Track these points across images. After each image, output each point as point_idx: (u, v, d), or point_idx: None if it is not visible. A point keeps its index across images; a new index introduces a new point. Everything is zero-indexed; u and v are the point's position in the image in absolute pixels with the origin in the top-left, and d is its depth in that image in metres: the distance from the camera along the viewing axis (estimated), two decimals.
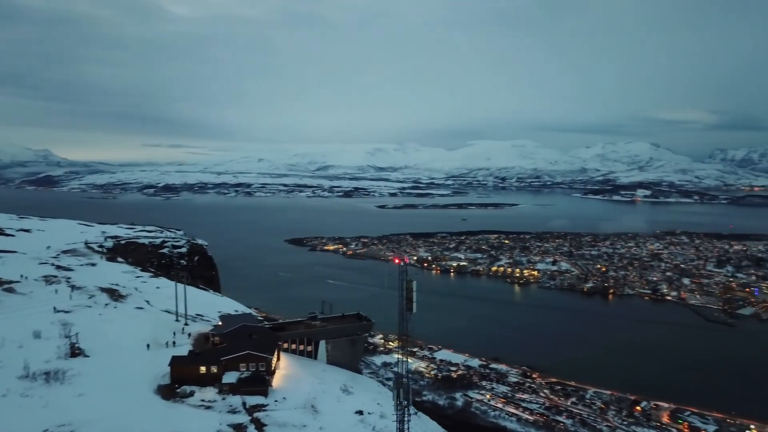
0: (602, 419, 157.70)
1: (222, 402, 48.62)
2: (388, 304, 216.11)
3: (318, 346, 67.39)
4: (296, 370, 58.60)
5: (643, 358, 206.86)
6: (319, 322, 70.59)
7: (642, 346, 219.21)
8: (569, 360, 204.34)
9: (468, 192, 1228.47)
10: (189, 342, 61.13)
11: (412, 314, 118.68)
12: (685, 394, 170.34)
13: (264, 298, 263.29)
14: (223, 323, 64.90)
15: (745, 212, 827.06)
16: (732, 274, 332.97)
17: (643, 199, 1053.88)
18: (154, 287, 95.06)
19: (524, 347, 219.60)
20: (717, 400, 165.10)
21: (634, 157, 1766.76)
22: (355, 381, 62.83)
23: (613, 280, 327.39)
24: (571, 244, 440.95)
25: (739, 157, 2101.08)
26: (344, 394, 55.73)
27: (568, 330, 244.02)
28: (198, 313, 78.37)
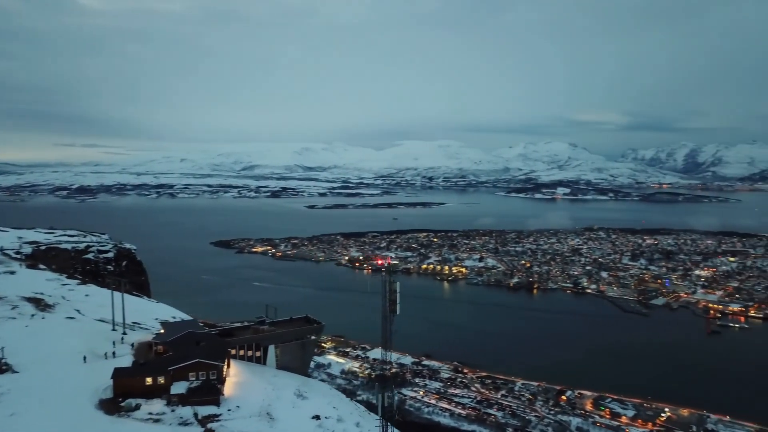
0: (531, 410, 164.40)
1: (172, 414, 46.84)
2: (322, 305, 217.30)
3: (267, 351, 66.28)
4: (247, 376, 57.46)
5: (567, 349, 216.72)
6: (268, 327, 69.47)
7: (566, 338, 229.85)
8: (498, 354, 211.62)
9: (397, 191, 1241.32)
10: (130, 352, 58.60)
11: (395, 316, 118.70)
12: (606, 381, 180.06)
13: (191, 303, 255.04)
14: (166, 331, 62.73)
15: (655, 208, 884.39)
16: (645, 267, 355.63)
17: (563, 197, 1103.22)
18: (83, 295, 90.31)
19: (455, 343, 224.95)
20: (635, 385, 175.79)
21: (554, 156, 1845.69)
22: (308, 385, 62.56)
23: (537, 275, 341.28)
24: (496, 241, 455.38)
25: (648, 156, 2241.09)
26: (299, 399, 55.39)
27: (496, 325, 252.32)
28: (134, 321, 75.35)
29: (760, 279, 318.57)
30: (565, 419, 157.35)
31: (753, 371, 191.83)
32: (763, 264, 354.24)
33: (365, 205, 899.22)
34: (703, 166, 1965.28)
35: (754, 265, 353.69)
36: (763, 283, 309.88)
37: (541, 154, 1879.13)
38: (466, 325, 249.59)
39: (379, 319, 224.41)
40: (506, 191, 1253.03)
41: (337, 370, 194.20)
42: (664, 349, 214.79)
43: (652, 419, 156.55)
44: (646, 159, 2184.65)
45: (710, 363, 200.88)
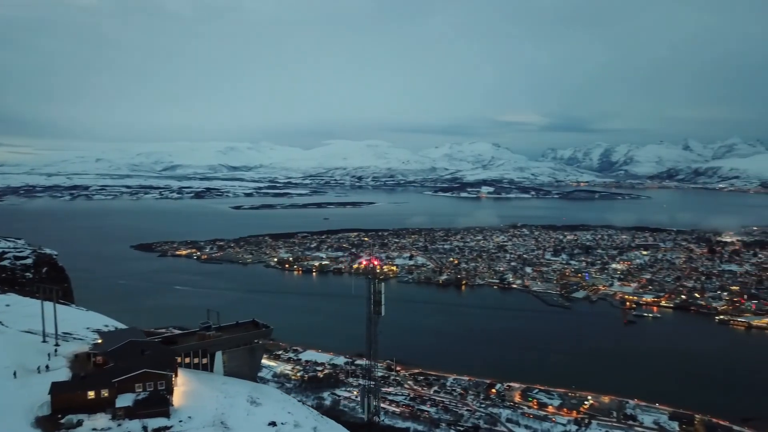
0: (463, 404, 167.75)
1: (118, 428, 44.48)
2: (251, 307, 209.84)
3: (214, 358, 63.27)
4: (196, 385, 54.70)
5: (495, 343, 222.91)
6: (214, 333, 66.32)
7: (494, 332, 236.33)
8: (430, 350, 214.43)
9: (326, 191, 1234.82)
10: (66, 365, 54.35)
11: (380, 317, 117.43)
12: (533, 373, 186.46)
13: (113, 312, 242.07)
14: (105, 341, 58.82)
15: (574, 205, 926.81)
16: (566, 262, 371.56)
17: (488, 196, 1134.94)
18: (4, 305, 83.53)
19: (387, 341, 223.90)
20: (560, 376, 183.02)
21: (478, 156, 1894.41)
22: (260, 391, 60.33)
23: (465, 271, 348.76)
24: (425, 239, 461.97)
25: (567, 156, 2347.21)
26: (253, 406, 53.26)
27: (427, 321, 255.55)
28: (65, 331, 69.93)
29: (669, 271, 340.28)
30: (495, 411, 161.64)
31: (665, 357, 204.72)
32: (672, 257, 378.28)
33: (294, 205, 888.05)
34: (616, 165, 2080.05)
35: (664, 258, 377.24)
36: (673, 274, 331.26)
37: (466, 154, 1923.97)
38: (398, 323, 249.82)
39: (317, 321, 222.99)
40: (434, 190, 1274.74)
41: (269, 374, 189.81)
42: (586, 339, 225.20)
43: (577, 407, 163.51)
44: (564, 158, 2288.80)
45: (627, 351, 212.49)
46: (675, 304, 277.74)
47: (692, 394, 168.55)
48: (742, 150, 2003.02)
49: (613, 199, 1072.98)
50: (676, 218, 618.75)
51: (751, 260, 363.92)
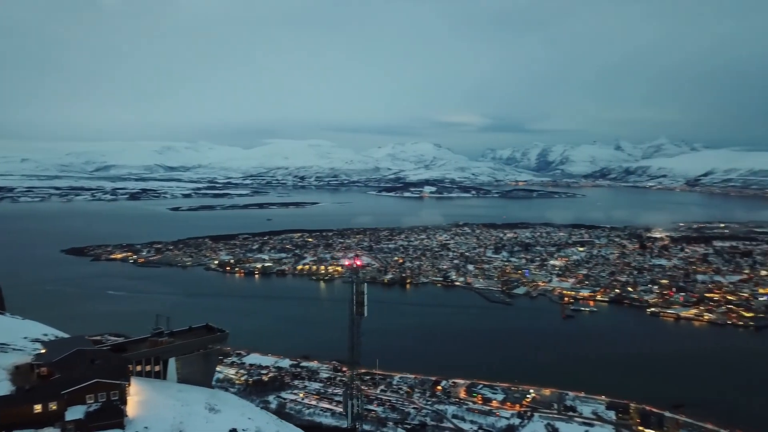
0: (409, 402, 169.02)
1: None
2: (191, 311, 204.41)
3: (167, 365, 60.39)
4: (151, 394, 52.13)
5: (440, 340, 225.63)
6: (167, 338, 63.32)
7: (438, 329, 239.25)
8: (375, 350, 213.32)
9: (268, 191, 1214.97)
10: (6, 378, 50.51)
11: (363, 318, 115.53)
12: (478, 369, 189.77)
13: (46, 318, 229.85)
14: (49, 350, 55.26)
15: (514, 204, 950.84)
16: (507, 259, 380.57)
17: (430, 195, 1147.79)
18: None
19: (333, 342, 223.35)
20: (503, 370, 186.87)
21: (420, 156, 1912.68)
22: (217, 398, 58.18)
23: (410, 270, 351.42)
24: (370, 239, 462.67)
25: (505, 156, 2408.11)
26: (211, 414, 51.28)
27: (373, 321, 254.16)
28: (1, 342, 65.11)
29: (604, 266, 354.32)
30: (441, 408, 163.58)
31: (602, 350, 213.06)
32: (606, 252, 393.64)
33: (235, 205, 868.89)
34: (553, 164, 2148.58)
35: (599, 253, 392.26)
36: (607, 269, 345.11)
37: (409, 154, 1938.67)
38: (343, 324, 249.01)
39: (261, 323, 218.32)
40: (377, 190, 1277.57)
41: (212, 379, 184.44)
42: (527, 334, 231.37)
43: (519, 401, 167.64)
44: (503, 158, 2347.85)
45: (566, 345, 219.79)
46: (610, 298, 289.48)
47: (627, 384, 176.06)
48: (669, 150, 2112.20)
49: (551, 197, 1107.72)
50: (609, 215, 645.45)
51: (679, 255, 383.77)
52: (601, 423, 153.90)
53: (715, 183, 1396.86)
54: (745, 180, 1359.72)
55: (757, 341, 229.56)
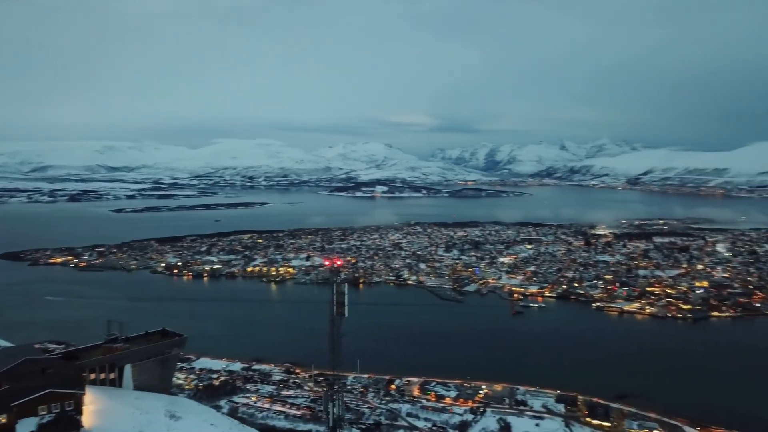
0: (363, 402, 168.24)
1: None
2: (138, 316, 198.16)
3: (123, 372, 57.49)
4: (108, 402, 49.27)
5: (393, 338, 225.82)
6: (122, 345, 60.33)
7: (391, 328, 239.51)
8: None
9: (216, 192, 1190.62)
10: None
11: (343, 319, 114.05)
12: (430, 366, 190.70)
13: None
14: None
15: (463, 203, 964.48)
16: (458, 257, 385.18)
17: (382, 195, 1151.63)
18: None
19: (286, 344, 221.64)
20: (455, 367, 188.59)
21: (371, 156, 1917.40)
22: (178, 404, 55.76)
23: (363, 270, 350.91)
24: (322, 239, 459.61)
25: (455, 156, 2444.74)
26: (173, 421, 48.94)
27: (325, 322, 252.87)
28: None
29: (551, 263, 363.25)
30: (395, 407, 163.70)
31: (550, 344, 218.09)
32: (553, 250, 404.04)
33: (181, 207, 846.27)
34: (500, 164, 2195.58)
35: (546, 250, 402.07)
36: (554, 266, 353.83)
37: (360, 154, 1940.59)
38: (296, 325, 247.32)
39: (210, 327, 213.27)
40: (329, 190, 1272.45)
41: None
42: (478, 331, 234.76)
43: (472, 397, 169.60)
44: (452, 158, 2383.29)
45: (517, 340, 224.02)
46: (557, 293, 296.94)
47: (575, 377, 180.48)
48: (611, 150, 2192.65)
49: (499, 196, 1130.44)
50: (556, 213, 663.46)
51: (622, 251, 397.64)
52: (551, 416, 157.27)
53: (654, 181, 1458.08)
54: (682, 178, 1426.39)
55: (695, 332, 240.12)
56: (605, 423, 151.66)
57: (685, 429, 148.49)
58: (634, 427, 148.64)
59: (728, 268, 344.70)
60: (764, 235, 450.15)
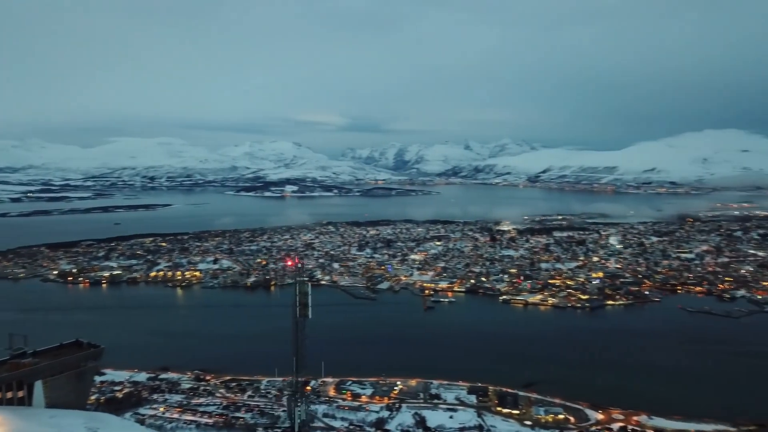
0: (279, 405, 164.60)
1: None
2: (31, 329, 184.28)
3: (32, 389, 51.36)
4: (19, 423, 43.81)
5: (308, 340, 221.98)
6: (31, 359, 54.01)
7: (306, 329, 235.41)
8: (241, 355, 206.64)
9: (114, 193, 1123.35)
10: None
11: (307, 320, 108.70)
12: (346, 365, 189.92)
13: None
14: None
15: (375, 202, 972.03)
16: (370, 256, 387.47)
17: (292, 194, 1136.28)
18: None
19: (195, 351, 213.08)
20: (370, 365, 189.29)
21: (280, 155, 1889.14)
22: (98, 420, 50.91)
23: (274, 271, 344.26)
24: (230, 241, 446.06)
25: (365, 155, 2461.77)
26: None
27: (236, 326, 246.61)
28: None
29: (460, 259, 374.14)
30: (312, 408, 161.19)
31: (461, 338, 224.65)
32: (461, 246, 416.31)
33: (75, 210, 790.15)
34: (409, 163, 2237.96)
35: (455, 247, 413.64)
36: (463, 261, 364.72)
37: (268, 153, 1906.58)
38: (205, 331, 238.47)
39: (111, 336, 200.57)
40: (236, 190, 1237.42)
41: None
42: (392, 327, 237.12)
43: (387, 393, 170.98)
44: (362, 158, 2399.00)
45: (429, 335, 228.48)
46: (466, 288, 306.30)
47: (485, 368, 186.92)
48: (512, 149, 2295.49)
49: (408, 195, 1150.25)
50: (462, 211, 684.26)
51: (525, 245, 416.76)
52: (463, 407, 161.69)
53: (552, 179, 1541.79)
54: (577, 176, 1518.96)
55: (593, 321, 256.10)
56: (514, 411, 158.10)
57: (587, 411, 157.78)
58: (540, 413, 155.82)
59: (620, 259, 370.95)
60: (650, 228, 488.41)
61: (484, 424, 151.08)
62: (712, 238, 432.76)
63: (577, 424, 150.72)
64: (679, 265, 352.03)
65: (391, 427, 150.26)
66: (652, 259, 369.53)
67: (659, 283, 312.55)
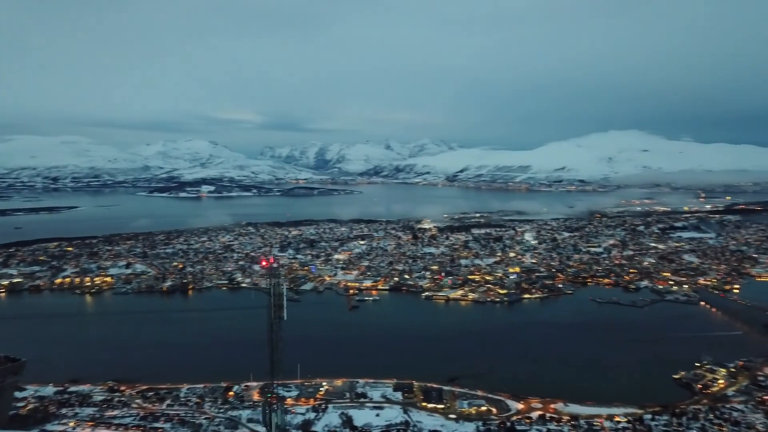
0: (200, 413, 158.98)
1: None
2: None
3: None
4: None
5: (229, 344, 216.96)
6: None
7: (226, 333, 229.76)
8: (158, 363, 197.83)
9: (12, 196, 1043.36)
10: None
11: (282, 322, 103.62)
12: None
13: None
14: None
15: (296, 202, 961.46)
16: (293, 256, 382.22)
17: (209, 195, 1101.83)
18: None
19: (108, 361, 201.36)
20: (296, 367, 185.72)
21: (195, 154, 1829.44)
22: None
23: (192, 275, 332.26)
24: (144, 245, 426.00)
25: (284, 154, 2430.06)
26: None
27: (152, 333, 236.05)
28: None
29: (383, 257, 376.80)
30: (235, 414, 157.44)
31: (386, 335, 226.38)
32: (385, 244, 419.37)
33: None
34: (330, 162, 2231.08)
35: (378, 245, 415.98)
36: (386, 260, 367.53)
37: (183, 152, 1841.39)
38: (119, 339, 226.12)
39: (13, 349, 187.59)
40: (149, 191, 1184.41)
41: None
42: (317, 328, 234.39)
43: (313, 395, 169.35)
44: (282, 156, 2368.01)
45: (354, 334, 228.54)
46: (390, 286, 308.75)
47: (410, 364, 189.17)
48: (431, 149, 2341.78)
49: (331, 194, 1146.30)
50: (385, 210, 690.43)
51: (445, 243, 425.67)
52: (389, 404, 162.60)
53: (469, 178, 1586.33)
54: (493, 175, 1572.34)
55: (511, 314, 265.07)
56: (439, 405, 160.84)
57: (508, 402, 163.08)
58: (464, 406, 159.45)
59: (535, 254, 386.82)
60: (562, 224, 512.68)
61: (410, 419, 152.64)
62: (618, 232, 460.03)
63: (499, 415, 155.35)
64: (589, 259, 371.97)
65: (317, 428, 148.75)
66: (564, 254, 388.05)
67: (571, 276, 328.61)
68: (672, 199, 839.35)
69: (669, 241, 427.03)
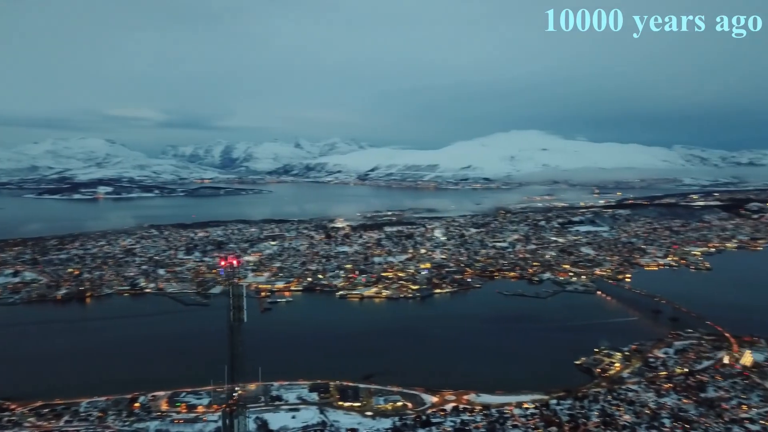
0: (103, 428, 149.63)
1: None
2: None
3: None
4: None
5: (131, 353, 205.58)
6: None
7: (129, 342, 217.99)
8: (52, 378, 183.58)
9: None
10: None
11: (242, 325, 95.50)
12: (179, 377, 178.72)
13: None
14: None
15: (202, 202, 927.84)
16: (200, 259, 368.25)
17: (106, 196, 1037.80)
18: None
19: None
20: (206, 373, 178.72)
21: (90, 153, 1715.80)
22: None
23: (89, 282, 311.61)
24: (34, 251, 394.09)
25: (188, 153, 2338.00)
26: None
27: (43, 345, 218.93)
28: None
29: (296, 257, 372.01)
30: (142, 426, 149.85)
31: (300, 336, 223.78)
32: (297, 245, 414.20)
33: None
34: (237, 161, 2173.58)
35: (291, 246, 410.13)
36: (299, 260, 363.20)
37: (76, 151, 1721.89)
38: (6, 353, 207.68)
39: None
40: (37, 193, 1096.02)
41: None
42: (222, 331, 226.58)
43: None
44: (186, 155, 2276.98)
45: (268, 337, 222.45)
46: (303, 286, 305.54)
47: (326, 364, 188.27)
48: (342, 148, 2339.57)
49: (239, 194, 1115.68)
50: (297, 209, 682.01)
51: (359, 241, 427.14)
52: (306, 406, 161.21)
53: (380, 177, 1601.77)
54: (403, 174, 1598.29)
55: (423, 309, 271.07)
56: (356, 403, 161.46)
57: (422, 396, 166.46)
58: (380, 403, 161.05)
59: (444, 250, 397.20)
60: (470, 221, 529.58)
61: (327, 420, 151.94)
62: (521, 228, 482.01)
63: (414, 409, 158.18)
64: (495, 253, 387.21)
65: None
66: (472, 249, 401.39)
67: (479, 270, 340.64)
68: (570, 195, 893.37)
69: (568, 235, 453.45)
